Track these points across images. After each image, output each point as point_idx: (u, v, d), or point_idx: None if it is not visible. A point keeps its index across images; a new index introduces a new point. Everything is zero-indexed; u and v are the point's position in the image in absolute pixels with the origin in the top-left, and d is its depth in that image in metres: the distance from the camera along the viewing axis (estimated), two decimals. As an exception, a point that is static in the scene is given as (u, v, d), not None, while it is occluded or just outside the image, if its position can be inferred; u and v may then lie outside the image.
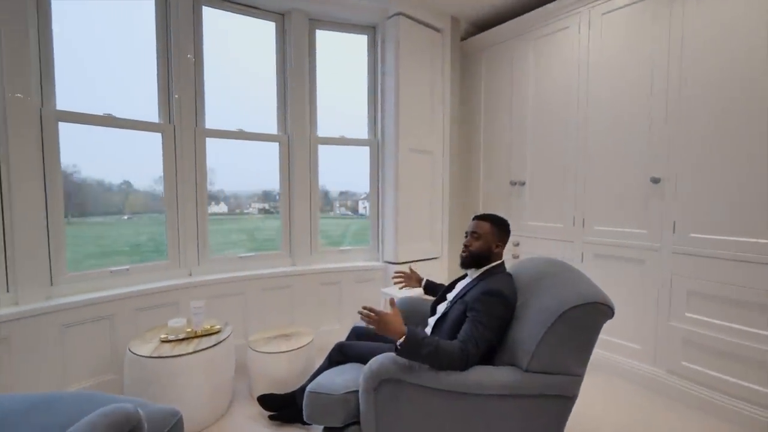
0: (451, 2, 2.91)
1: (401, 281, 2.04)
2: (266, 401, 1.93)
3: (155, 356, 1.75)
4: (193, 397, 1.81)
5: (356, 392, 1.40)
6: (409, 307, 2.01)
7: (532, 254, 2.75)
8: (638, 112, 2.23)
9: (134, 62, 2.34)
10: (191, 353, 1.79)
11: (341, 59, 3.03)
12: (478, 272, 1.58)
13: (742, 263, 1.85)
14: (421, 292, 2.06)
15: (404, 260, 2.85)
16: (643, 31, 2.20)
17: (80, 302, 1.97)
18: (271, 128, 2.81)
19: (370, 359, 1.37)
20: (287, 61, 2.78)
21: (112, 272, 2.19)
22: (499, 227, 1.60)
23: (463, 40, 3.27)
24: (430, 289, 2.01)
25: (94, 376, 2.04)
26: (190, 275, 2.47)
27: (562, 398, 1.29)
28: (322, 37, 2.90)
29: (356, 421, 1.41)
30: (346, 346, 1.76)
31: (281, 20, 2.78)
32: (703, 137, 1.98)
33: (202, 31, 2.49)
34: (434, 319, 1.63)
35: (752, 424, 1.82)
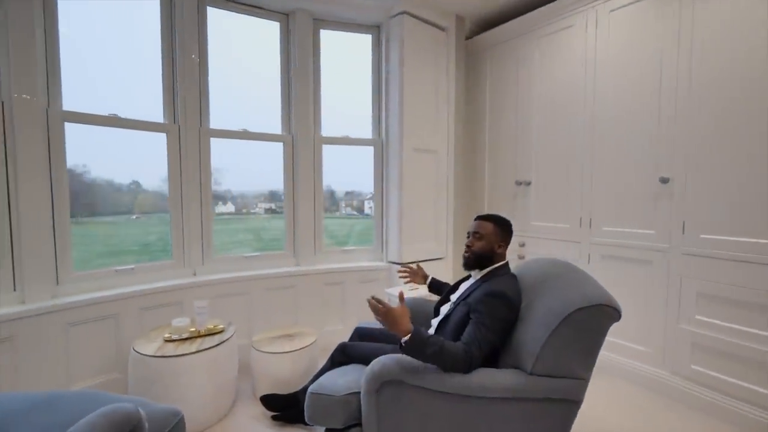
0: (455, 1, 2.89)
1: (406, 276, 2.03)
2: (269, 401, 1.93)
3: (159, 355, 1.76)
4: (196, 396, 1.81)
5: (358, 393, 1.39)
6: (412, 307, 1.98)
7: (537, 255, 2.72)
8: (646, 110, 2.19)
9: (139, 62, 2.35)
10: (194, 353, 1.80)
11: (345, 59, 3.02)
12: (481, 273, 1.57)
13: (754, 265, 1.81)
14: (425, 290, 2.05)
15: (408, 260, 2.83)
16: (650, 28, 2.16)
17: (85, 301, 1.99)
18: (275, 128, 2.82)
19: (372, 360, 1.36)
20: (291, 60, 2.78)
21: (117, 271, 2.20)
22: (501, 227, 1.58)
23: (468, 38, 3.24)
24: (434, 287, 1.99)
25: (99, 375, 2.06)
26: (194, 275, 2.48)
27: (567, 402, 1.26)
28: (326, 36, 2.90)
29: (358, 422, 1.40)
30: (348, 346, 1.75)
31: (285, 20, 2.78)
32: (713, 135, 1.93)
33: (206, 31, 2.50)
34: (437, 320, 1.62)
35: (761, 429, 1.77)
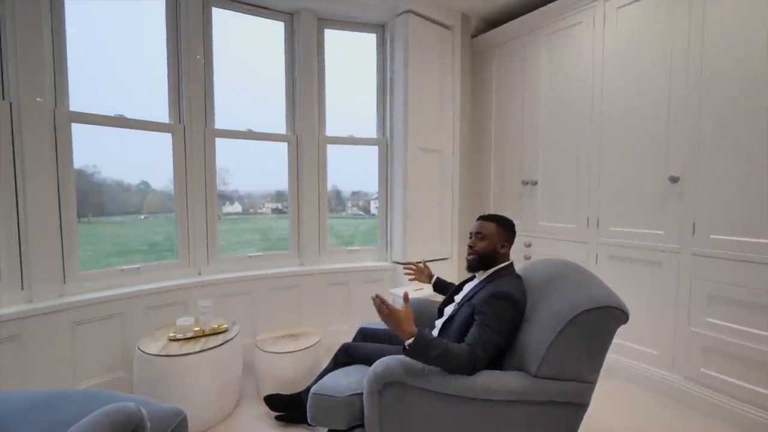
0: (461, -1, 2.87)
1: (412, 274, 2.01)
2: (272, 401, 1.93)
3: (163, 354, 1.76)
4: (200, 395, 1.81)
5: (361, 395, 1.38)
6: (416, 307, 1.98)
7: (544, 255, 2.69)
8: (655, 108, 2.14)
9: (145, 63, 2.37)
10: (198, 352, 1.80)
11: (350, 58, 3.02)
12: (485, 274, 1.55)
13: (767, 266, 1.76)
14: (430, 290, 2.04)
15: (413, 261, 2.81)
16: (659, 24, 2.12)
17: (92, 300, 2.00)
18: (280, 128, 2.82)
19: (375, 361, 1.35)
20: (296, 60, 2.78)
21: (123, 271, 2.22)
22: (504, 227, 1.56)
23: (473, 37, 3.22)
24: (439, 287, 1.97)
25: (104, 373, 2.07)
26: (199, 274, 2.49)
27: (572, 405, 1.24)
28: (330, 36, 2.89)
29: (360, 424, 1.39)
30: (352, 347, 1.74)
31: (290, 20, 2.78)
32: (724, 134, 1.89)
33: (211, 31, 2.50)
34: (441, 321, 1.60)
35: (777, 435, 1.73)
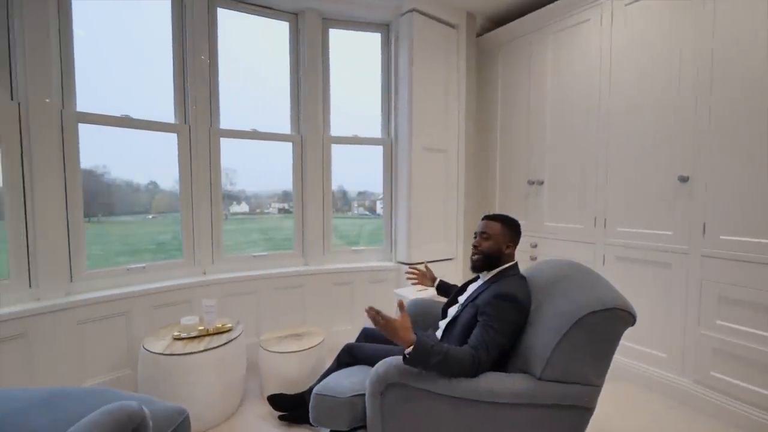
0: (466, -3, 2.85)
1: (414, 278, 2.00)
2: (276, 401, 1.93)
3: (167, 353, 1.77)
4: (203, 394, 1.82)
5: (363, 395, 1.37)
6: (420, 309, 1.97)
7: (550, 256, 2.66)
8: (664, 106, 2.11)
9: (150, 64, 2.39)
10: (202, 351, 1.81)
11: (354, 58, 3.01)
12: (489, 274, 1.53)
13: (779, 268, 1.72)
14: (433, 292, 2.02)
15: (417, 261, 2.80)
16: (668, 21, 2.08)
17: (98, 299, 2.02)
18: (284, 128, 2.82)
19: (378, 362, 1.34)
20: (300, 60, 2.78)
21: (128, 270, 2.24)
22: (509, 227, 1.54)
23: (479, 36, 3.19)
24: (442, 289, 1.96)
25: (110, 371, 2.09)
26: (204, 274, 2.50)
27: (578, 409, 1.22)
28: (335, 36, 2.89)
29: (363, 425, 1.38)
30: (355, 347, 1.74)
31: (295, 20, 2.79)
32: (735, 132, 1.85)
33: (216, 32, 2.52)
34: (445, 322, 1.59)
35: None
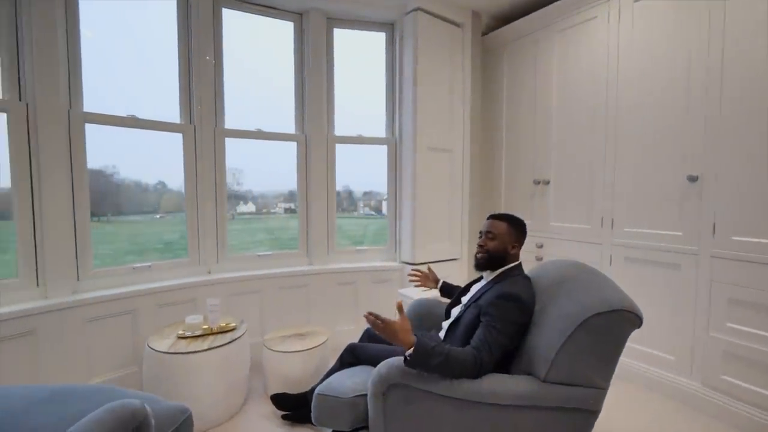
0: (471, -4, 2.83)
1: (417, 280, 1.99)
2: (279, 400, 1.93)
3: (171, 352, 1.78)
4: (207, 393, 1.82)
5: (365, 396, 1.36)
6: (424, 309, 1.96)
7: (556, 257, 2.63)
8: (673, 105, 2.07)
9: (155, 64, 2.41)
10: (205, 350, 1.81)
11: (359, 57, 3.01)
12: (493, 275, 1.51)
13: (792, 269, 1.68)
14: (437, 293, 2.00)
15: (422, 261, 2.79)
16: (678, 19, 2.04)
17: (105, 297, 2.04)
18: (289, 128, 2.83)
19: (381, 362, 1.33)
20: (305, 60, 2.78)
21: (134, 269, 2.26)
22: (515, 227, 1.53)
23: (484, 34, 3.17)
24: (446, 291, 1.94)
25: (117, 369, 2.11)
26: (209, 273, 2.51)
27: (582, 412, 1.20)
28: (339, 35, 2.89)
29: (365, 425, 1.38)
30: (357, 347, 1.73)
31: (299, 20, 2.79)
32: (747, 131, 1.81)
33: (221, 32, 2.53)
34: (448, 323, 1.57)
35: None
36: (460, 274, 3.03)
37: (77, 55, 2.04)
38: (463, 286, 1.78)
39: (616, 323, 1.17)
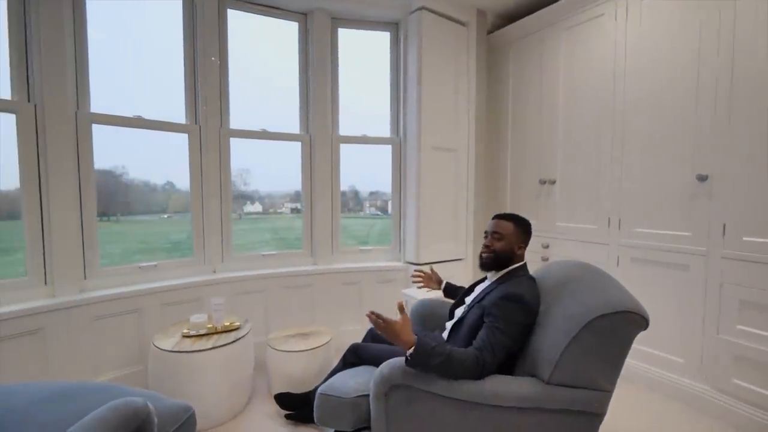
0: (476, -6, 2.81)
1: (420, 281, 1.98)
2: (283, 400, 1.93)
3: (175, 350, 1.79)
4: (211, 392, 1.83)
5: (368, 396, 1.36)
6: (427, 309, 1.95)
7: (562, 257, 2.60)
8: (682, 104, 2.03)
9: (161, 64, 2.43)
10: (209, 349, 1.82)
11: (363, 57, 3.00)
12: (498, 275, 1.50)
13: (805, 271, 1.64)
14: (440, 293, 1.99)
15: (426, 261, 2.78)
16: (688, 16, 2.00)
17: (111, 296, 2.06)
18: (293, 128, 2.83)
19: (383, 362, 1.32)
20: (310, 60, 2.78)
21: (141, 268, 2.28)
22: (521, 227, 1.51)
23: (489, 33, 3.15)
24: (449, 292, 1.93)
25: (123, 367, 2.13)
26: (214, 272, 2.53)
27: (587, 415, 1.18)
28: (344, 35, 2.89)
29: (367, 426, 1.37)
30: (360, 347, 1.73)
31: (304, 20, 2.80)
32: (758, 129, 1.76)
33: (226, 33, 2.54)
34: (451, 323, 1.56)
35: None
36: (464, 274, 3.01)
37: (84, 55, 2.06)
38: (467, 286, 1.77)
39: (621, 325, 1.15)
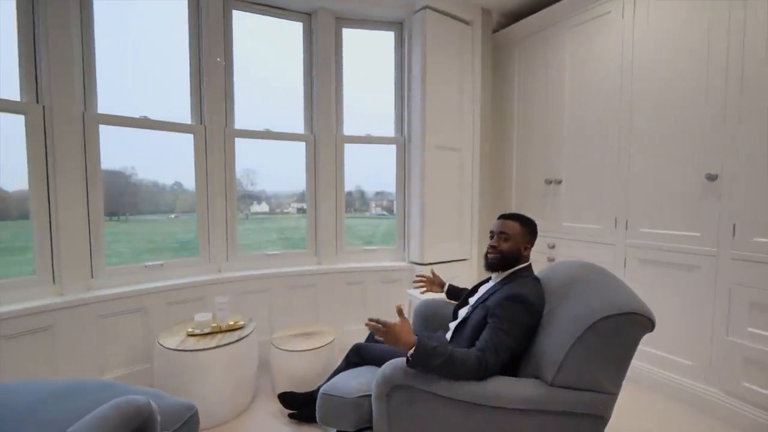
0: (481, -7, 2.79)
1: (422, 285, 1.97)
2: (286, 399, 1.94)
3: (180, 349, 1.81)
4: (215, 390, 1.84)
5: (370, 396, 1.35)
6: (430, 310, 1.95)
7: (568, 257, 2.58)
8: (691, 102, 2.00)
9: (167, 65, 2.45)
10: (213, 348, 1.83)
11: (367, 57, 3.00)
12: (502, 275, 1.48)
13: (818, 272, 1.60)
14: (443, 296, 1.98)
15: (431, 261, 2.76)
16: (697, 14, 1.97)
17: (117, 294, 2.08)
18: (298, 128, 2.84)
19: (385, 362, 1.32)
20: (314, 60, 2.79)
21: (147, 267, 2.30)
22: (528, 227, 1.49)
23: (494, 32, 3.13)
24: (452, 294, 1.92)
25: (129, 365, 2.15)
26: (219, 271, 2.54)
27: (591, 417, 1.16)
28: (348, 35, 2.89)
29: (369, 426, 1.37)
30: (363, 347, 1.72)
31: (308, 20, 2.80)
32: (766, 127, 1.73)
33: (231, 33, 2.55)
34: (455, 324, 1.55)
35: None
36: (469, 274, 2.99)
37: (91, 56, 2.08)
38: (470, 287, 1.76)
39: (626, 326, 1.13)
